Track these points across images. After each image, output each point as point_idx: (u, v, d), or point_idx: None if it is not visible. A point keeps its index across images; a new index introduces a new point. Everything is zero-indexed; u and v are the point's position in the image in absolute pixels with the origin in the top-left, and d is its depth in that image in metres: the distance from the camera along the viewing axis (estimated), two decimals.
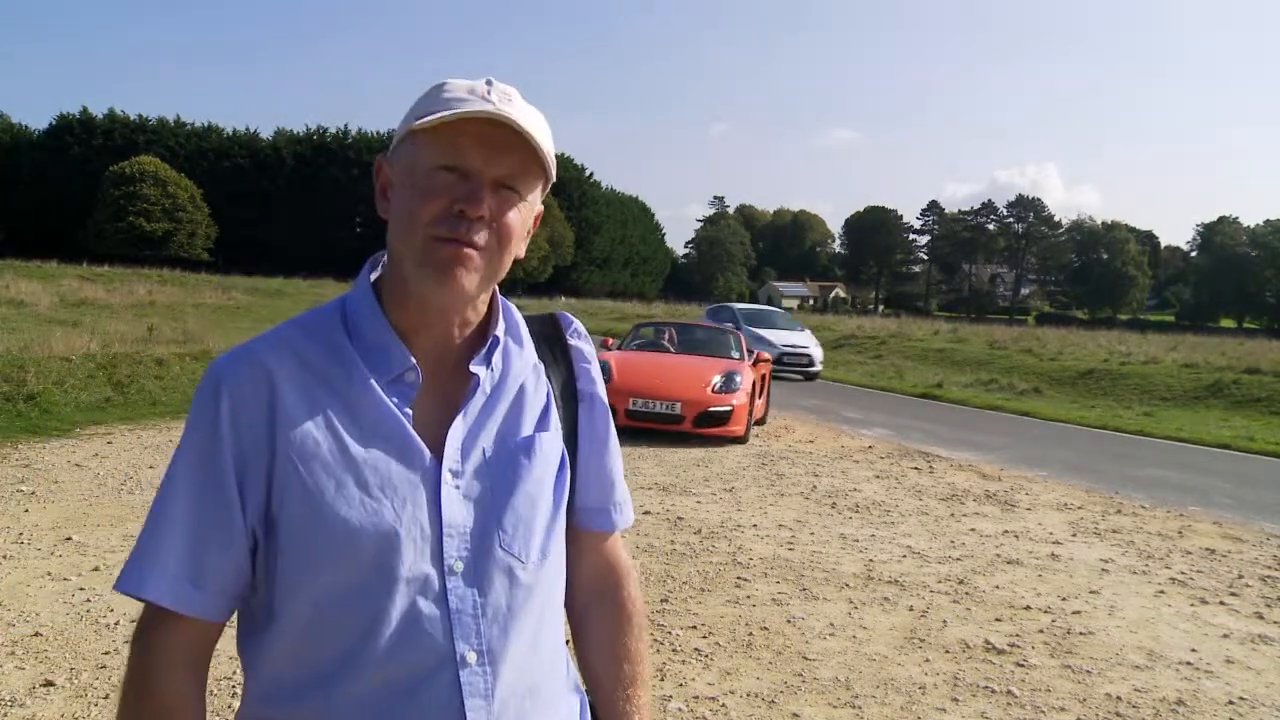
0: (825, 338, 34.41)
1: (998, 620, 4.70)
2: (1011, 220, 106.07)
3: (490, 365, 1.05)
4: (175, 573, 0.95)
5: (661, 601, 4.65)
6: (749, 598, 4.80)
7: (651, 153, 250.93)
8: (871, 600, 4.89)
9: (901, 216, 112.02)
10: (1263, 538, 7.05)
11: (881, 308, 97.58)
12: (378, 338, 1.01)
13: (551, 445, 1.07)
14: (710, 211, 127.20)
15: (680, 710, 3.42)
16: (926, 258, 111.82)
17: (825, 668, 3.91)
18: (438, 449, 1.00)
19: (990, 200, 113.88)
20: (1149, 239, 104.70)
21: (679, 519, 6.43)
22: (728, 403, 9.81)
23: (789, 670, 3.87)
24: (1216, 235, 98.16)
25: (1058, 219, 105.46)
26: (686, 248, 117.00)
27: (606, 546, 1.19)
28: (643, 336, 12.58)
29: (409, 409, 1.00)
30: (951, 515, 7.14)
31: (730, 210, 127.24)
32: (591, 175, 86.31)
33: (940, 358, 25.95)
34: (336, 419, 0.98)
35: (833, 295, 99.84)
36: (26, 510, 5.56)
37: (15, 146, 69.41)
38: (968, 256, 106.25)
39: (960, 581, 5.33)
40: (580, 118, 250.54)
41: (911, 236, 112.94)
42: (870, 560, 5.66)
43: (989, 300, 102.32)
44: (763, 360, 11.58)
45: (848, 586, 5.10)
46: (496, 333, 1.06)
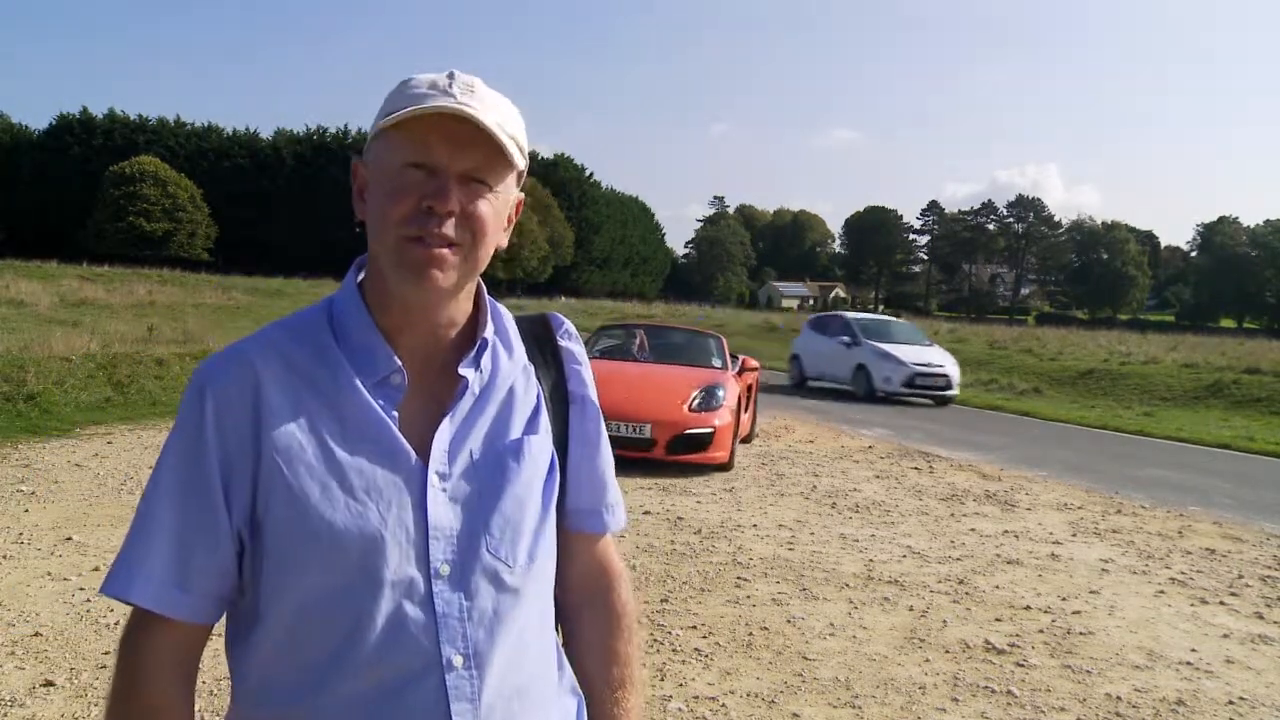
0: None
1: (998, 620, 4.70)
2: (1011, 220, 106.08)
3: (479, 367, 1.04)
4: (161, 576, 0.95)
5: (661, 601, 4.65)
6: (749, 598, 4.80)
7: (651, 153, 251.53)
8: (871, 600, 4.89)
9: (901, 216, 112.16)
10: (1263, 538, 7.05)
11: (882, 308, 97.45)
12: (364, 339, 1.01)
13: (541, 448, 1.07)
14: (710, 211, 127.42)
15: (680, 710, 3.42)
16: (926, 258, 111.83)
17: (825, 668, 3.92)
18: (424, 451, 0.99)
19: (990, 200, 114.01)
20: (1149, 239, 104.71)
21: (679, 519, 6.44)
22: (708, 423, 8.22)
23: (789, 670, 3.87)
24: (1216, 235, 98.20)
25: (1058, 219, 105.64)
26: (686, 248, 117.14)
27: (598, 549, 1.18)
28: (609, 340, 10.64)
29: (395, 411, 0.99)
30: (951, 515, 7.14)
31: (730, 210, 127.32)
32: (591, 175, 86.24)
33: None
34: (322, 421, 0.97)
35: (833, 295, 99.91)
36: (26, 510, 5.56)
37: (15, 146, 69.35)
38: (968, 256, 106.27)
39: (960, 581, 5.33)
40: (580, 118, 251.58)
41: (911, 236, 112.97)
42: (870, 560, 5.66)
43: (989, 300, 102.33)
44: (749, 369, 9.98)
45: (848, 586, 5.10)
46: (485, 334, 1.05)
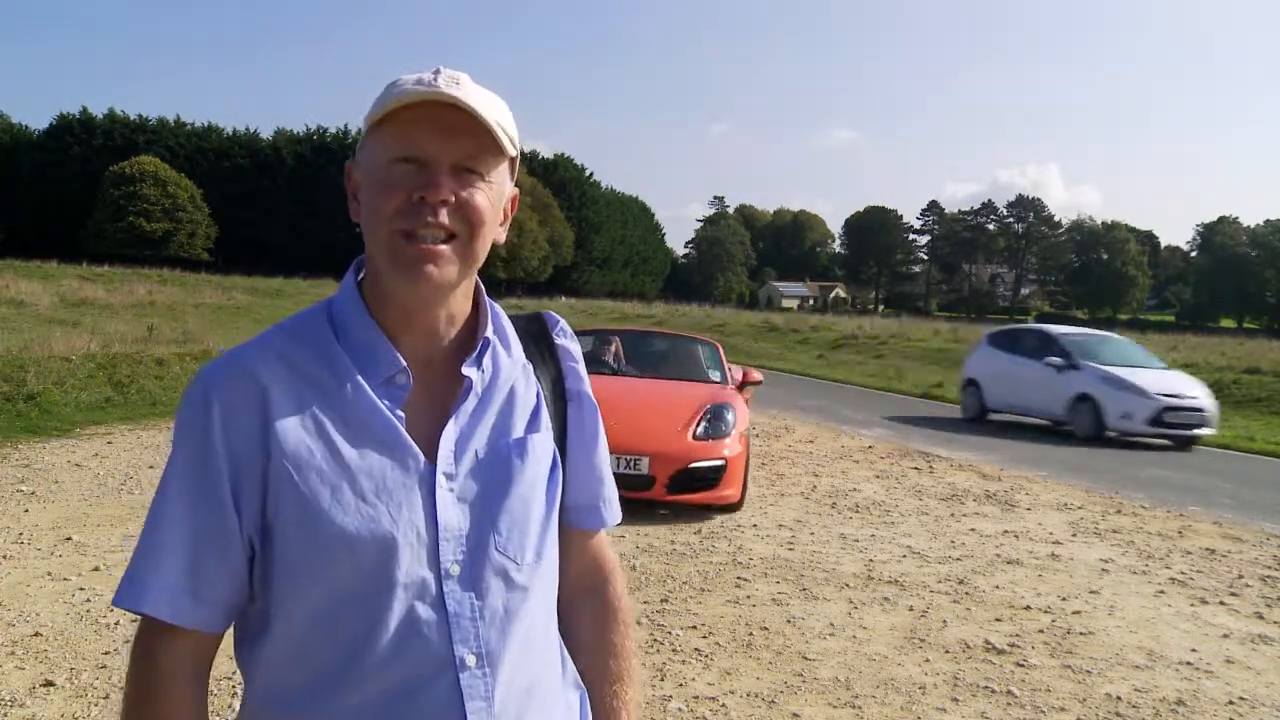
0: (826, 338, 34.24)
1: (998, 620, 4.70)
2: (1011, 220, 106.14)
3: (481, 367, 1.04)
4: (173, 585, 0.94)
5: (661, 601, 4.65)
6: (749, 598, 4.80)
7: (651, 153, 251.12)
8: (871, 600, 4.89)
9: (901, 216, 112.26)
10: (1263, 538, 7.05)
11: (881, 308, 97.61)
12: (366, 340, 1.00)
13: (543, 446, 1.07)
14: (710, 211, 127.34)
15: (680, 710, 3.42)
16: (926, 258, 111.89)
17: (825, 668, 3.91)
18: (431, 452, 0.99)
19: (990, 200, 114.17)
20: (1149, 239, 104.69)
21: (679, 519, 6.43)
22: (717, 454, 6.48)
23: (789, 670, 3.87)
24: (1216, 235, 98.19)
25: (1058, 219, 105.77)
26: (686, 248, 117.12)
27: (594, 544, 1.19)
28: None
29: (401, 411, 0.99)
30: (951, 515, 7.14)
31: (730, 210, 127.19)
32: (591, 175, 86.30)
33: (940, 358, 25.94)
34: (329, 424, 0.97)
35: (833, 295, 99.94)
36: (26, 510, 5.56)
37: (15, 146, 69.31)
38: (968, 256, 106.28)
39: (960, 581, 5.33)
40: (580, 118, 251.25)
41: (911, 236, 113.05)
42: (870, 560, 5.66)
43: (989, 300, 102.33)
44: (752, 382, 8.31)
45: (848, 586, 5.10)
46: (487, 334, 1.05)
